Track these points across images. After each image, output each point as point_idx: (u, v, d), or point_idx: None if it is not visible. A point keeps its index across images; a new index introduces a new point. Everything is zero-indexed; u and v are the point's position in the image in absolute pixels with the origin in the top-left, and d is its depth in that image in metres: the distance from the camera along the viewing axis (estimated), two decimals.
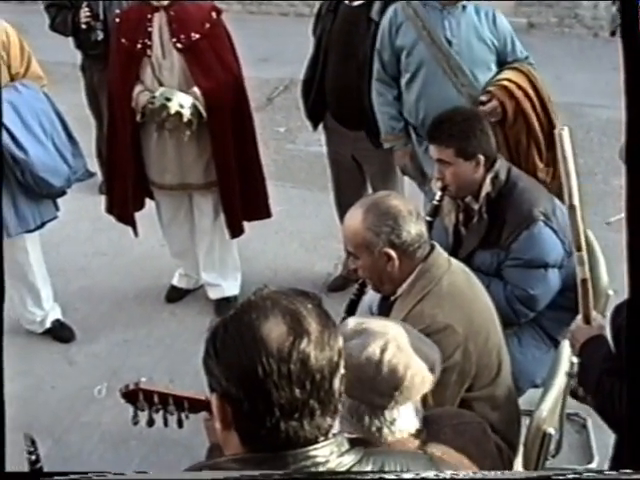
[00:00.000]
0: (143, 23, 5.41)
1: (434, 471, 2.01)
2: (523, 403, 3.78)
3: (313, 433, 1.84)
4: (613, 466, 3.17)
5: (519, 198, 4.17)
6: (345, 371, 1.89)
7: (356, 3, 5.46)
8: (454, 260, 3.53)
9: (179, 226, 5.92)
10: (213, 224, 5.80)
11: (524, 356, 4.16)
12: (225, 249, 5.91)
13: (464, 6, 5.07)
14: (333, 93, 5.64)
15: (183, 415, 3.02)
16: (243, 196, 5.66)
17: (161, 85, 5.40)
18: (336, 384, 1.85)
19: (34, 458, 2.87)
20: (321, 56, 5.63)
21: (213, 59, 5.44)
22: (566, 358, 3.51)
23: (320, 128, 5.94)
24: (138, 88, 5.44)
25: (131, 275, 6.41)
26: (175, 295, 6.16)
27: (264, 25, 10.22)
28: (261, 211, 5.83)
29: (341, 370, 1.87)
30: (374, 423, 2.57)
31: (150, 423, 3.03)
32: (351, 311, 3.80)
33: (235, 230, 5.77)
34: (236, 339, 1.82)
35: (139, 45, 5.39)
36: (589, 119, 8.58)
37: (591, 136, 8.28)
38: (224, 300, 5.93)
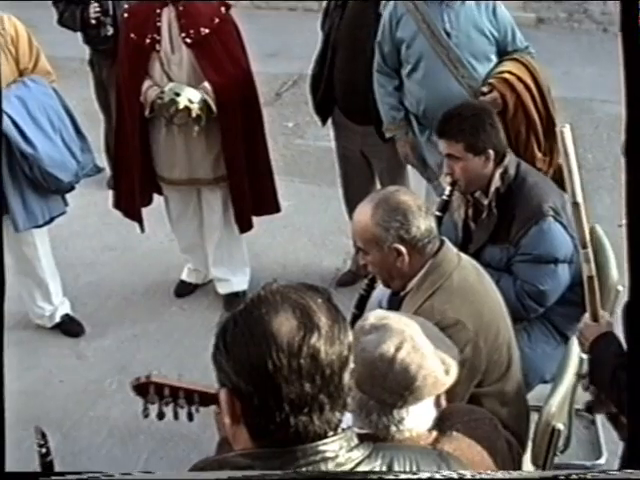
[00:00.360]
0: (152, 18, 5.40)
1: (444, 467, 2.01)
2: (532, 398, 3.77)
3: (322, 428, 1.83)
4: (626, 463, 3.15)
5: (529, 193, 4.17)
6: (358, 365, 1.89)
7: None
8: (464, 255, 3.52)
9: (188, 221, 5.91)
10: (222, 219, 5.80)
11: (533, 351, 4.16)
12: (234, 244, 5.91)
13: None
14: (341, 88, 5.64)
15: (193, 409, 3.02)
16: (252, 191, 5.66)
17: (170, 80, 5.40)
18: (346, 379, 1.85)
19: (44, 451, 2.88)
20: (329, 51, 5.62)
21: (222, 54, 5.44)
22: (576, 354, 3.51)
23: (329, 123, 5.94)
24: (147, 83, 5.44)
25: (140, 270, 6.41)
26: (184, 290, 6.15)
27: (272, 20, 10.20)
28: (270, 206, 5.83)
29: (351, 364, 1.87)
30: (382, 420, 2.56)
31: (160, 416, 3.03)
32: (361, 307, 3.80)
33: (244, 225, 5.77)
34: (246, 334, 1.82)
35: (148, 40, 5.39)
36: (598, 114, 8.55)
37: (600, 131, 8.26)
38: (233, 295, 5.93)
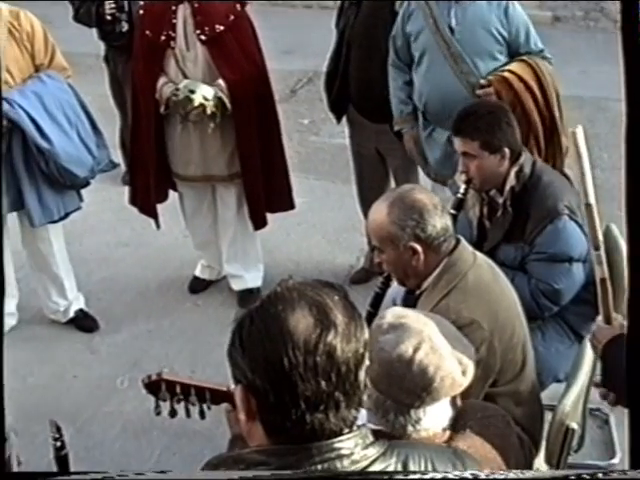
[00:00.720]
0: (167, 15, 5.41)
1: (458, 465, 2.01)
2: (545, 398, 3.77)
3: (338, 425, 1.83)
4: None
5: (544, 192, 4.16)
6: (375, 365, 1.89)
7: None
8: (479, 254, 3.52)
9: (202, 217, 5.92)
10: (236, 216, 5.80)
11: (547, 350, 4.15)
12: (248, 241, 5.91)
13: None
14: (356, 86, 5.63)
15: (205, 406, 3.02)
16: (266, 188, 5.67)
17: (185, 77, 5.41)
18: (361, 376, 1.85)
19: (59, 444, 2.89)
20: (344, 49, 5.61)
21: (237, 51, 5.44)
22: (590, 353, 3.49)
23: (344, 121, 5.93)
24: (162, 80, 5.45)
25: (154, 266, 6.42)
26: (198, 286, 6.16)
27: (288, 17, 10.20)
28: (284, 203, 5.83)
29: (366, 362, 1.87)
30: (399, 420, 2.57)
31: (172, 414, 3.03)
32: (376, 305, 3.80)
33: (258, 222, 5.77)
34: (262, 331, 1.81)
35: (163, 37, 5.40)
36: (614, 113, 8.51)
37: (616, 130, 8.20)
38: (247, 291, 5.93)
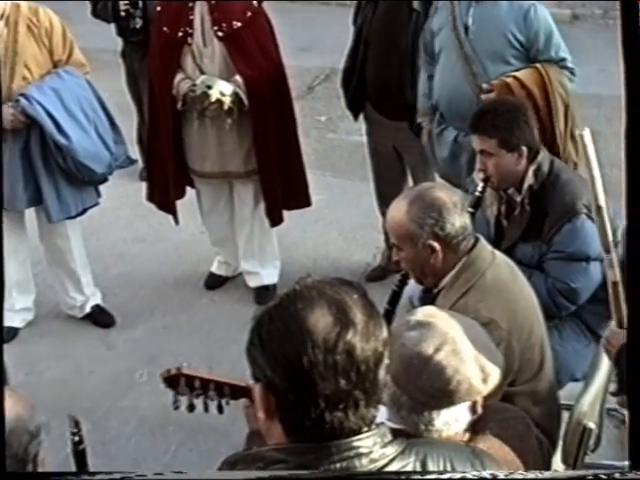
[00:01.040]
0: (184, 11, 5.42)
1: (477, 464, 2.01)
2: (562, 397, 3.75)
3: (357, 424, 1.83)
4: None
5: (562, 190, 4.15)
6: (395, 359, 1.88)
7: None
8: (498, 253, 3.51)
9: (219, 214, 5.93)
10: (253, 212, 5.81)
11: (565, 349, 4.14)
12: (264, 237, 5.92)
13: None
14: (373, 83, 5.63)
15: (223, 401, 3.03)
16: (283, 185, 5.67)
17: (202, 73, 5.42)
18: (381, 375, 1.85)
19: (77, 439, 2.90)
20: (361, 46, 5.61)
21: (254, 47, 5.45)
22: None
23: (361, 118, 5.93)
24: (179, 76, 5.46)
25: (171, 262, 6.42)
26: (214, 282, 6.16)
27: (305, 14, 10.19)
28: (301, 200, 5.84)
29: (386, 361, 1.87)
30: (411, 417, 2.57)
31: (191, 408, 3.04)
32: (393, 303, 3.79)
33: (275, 219, 5.78)
34: (282, 329, 1.82)
35: (180, 33, 5.41)
36: None
37: None
38: (263, 288, 5.94)
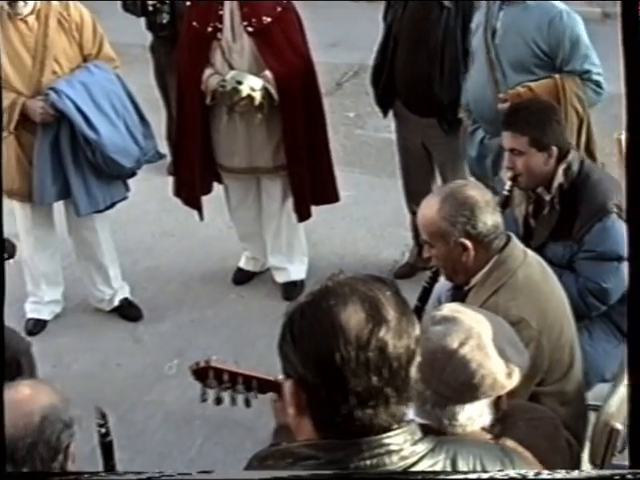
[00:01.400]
0: (214, 6, 5.43)
1: (507, 462, 2.00)
2: (590, 397, 3.74)
3: (388, 421, 1.83)
4: None
5: (593, 190, 4.12)
6: (420, 354, 1.88)
7: None
8: (530, 252, 3.51)
9: (247, 209, 5.93)
10: (281, 208, 5.81)
11: (594, 350, 4.11)
12: (292, 233, 5.92)
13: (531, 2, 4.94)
14: (403, 80, 5.61)
15: (251, 395, 3.03)
16: (312, 180, 5.67)
17: (231, 68, 5.42)
18: (412, 372, 1.85)
19: (104, 431, 2.92)
20: (391, 43, 5.60)
21: (284, 43, 5.45)
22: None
23: (390, 114, 5.92)
24: (208, 71, 5.47)
25: (198, 256, 6.44)
26: (242, 277, 6.16)
27: (334, 10, 10.15)
28: (329, 195, 5.84)
29: (417, 358, 1.86)
30: (435, 412, 2.58)
31: (218, 401, 3.06)
32: (423, 299, 3.79)
33: (303, 214, 5.78)
34: (314, 325, 1.81)
35: (210, 28, 5.41)
36: None
37: None
38: (291, 284, 5.94)
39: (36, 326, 5.65)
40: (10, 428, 2.56)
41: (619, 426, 3.32)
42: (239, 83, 5.32)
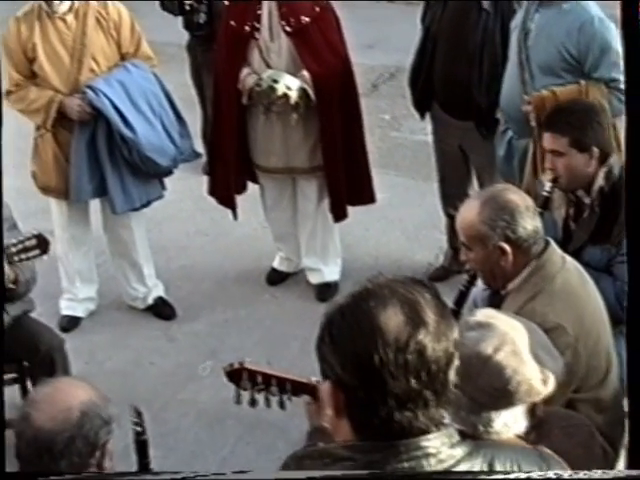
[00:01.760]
0: (252, 6, 5.44)
1: (545, 468, 1.99)
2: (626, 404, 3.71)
3: (426, 424, 1.83)
4: None
5: None
6: None
7: None
8: (568, 257, 3.49)
9: (282, 210, 5.93)
10: (316, 208, 5.80)
11: None
12: (327, 234, 5.91)
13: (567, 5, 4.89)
14: (441, 82, 5.59)
15: (285, 397, 3.03)
16: (348, 181, 5.66)
17: (268, 68, 5.43)
18: (451, 375, 1.85)
19: (140, 430, 2.92)
20: (429, 45, 5.58)
21: (322, 43, 5.45)
22: None
23: (426, 117, 5.90)
24: (245, 70, 5.48)
25: (232, 256, 6.43)
26: (276, 278, 6.16)
27: (371, 11, 10.15)
28: (365, 196, 5.83)
29: (456, 361, 1.86)
30: (470, 418, 2.56)
31: (252, 403, 3.06)
32: (460, 303, 3.78)
33: (339, 214, 5.77)
34: (353, 327, 1.81)
35: (247, 27, 5.43)
36: None
37: None
38: (324, 285, 5.93)
39: (70, 323, 5.68)
40: (48, 422, 2.58)
41: None
42: (275, 82, 5.33)
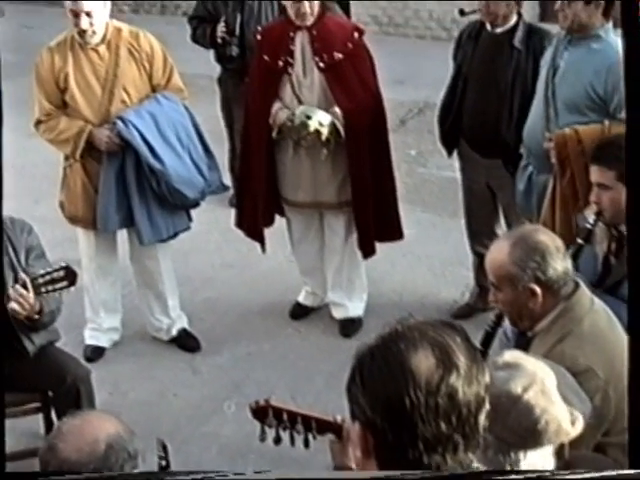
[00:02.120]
0: (285, 41, 5.47)
1: None
2: None
3: (455, 468, 1.81)
4: None
5: None
6: None
7: (499, 30, 5.43)
8: (597, 299, 3.46)
9: (309, 244, 5.93)
10: (344, 243, 5.80)
11: None
12: (353, 269, 5.90)
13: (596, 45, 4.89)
14: (470, 120, 5.60)
15: (310, 435, 3.02)
16: (376, 216, 5.66)
17: (300, 103, 5.45)
18: (481, 419, 1.84)
19: (165, 464, 2.91)
20: (461, 82, 5.59)
21: (354, 79, 5.48)
22: None
23: (453, 154, 5.89)
24: (277, 105, 5.50)
25: (258, 289, 6.43)
26: (299, 312, 6.14)
27: (400, 47, 10.20)
28: (394, 232, 5.82)
29: (487, 405, 1.85)
30: (497, 458, 2.54)
31: (277, 440, 3.05)
32: (486, 343, 3.75)
33: (368, 250, 5.77)
34: (384, 369, 1.80)
35: (280, 62, 5.46)
36: None
37: None
38: (349, 320, 5.91)
39: (94, 353, 5.67)
40: (74, 453, 2.58)
41: None
42: (308, 118, 5.35)
